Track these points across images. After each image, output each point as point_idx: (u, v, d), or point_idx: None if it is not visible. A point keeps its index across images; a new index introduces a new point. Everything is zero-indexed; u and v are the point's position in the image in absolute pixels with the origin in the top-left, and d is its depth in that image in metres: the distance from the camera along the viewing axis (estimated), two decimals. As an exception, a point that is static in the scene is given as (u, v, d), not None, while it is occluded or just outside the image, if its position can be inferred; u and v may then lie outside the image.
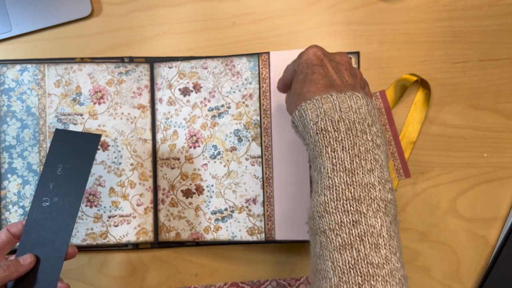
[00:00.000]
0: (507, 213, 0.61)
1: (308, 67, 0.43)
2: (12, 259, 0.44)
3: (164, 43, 0.62)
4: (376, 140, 0.40)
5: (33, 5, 0.60)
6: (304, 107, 0.41)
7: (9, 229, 0.47)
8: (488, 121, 0.62)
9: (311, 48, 0.44)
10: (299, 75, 0.44)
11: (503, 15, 0.62)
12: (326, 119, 0.39)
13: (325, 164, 0.39)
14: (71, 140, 0.49)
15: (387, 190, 0.39)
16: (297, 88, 0.44)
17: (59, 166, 0.48)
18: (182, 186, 0.59)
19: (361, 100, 0.40)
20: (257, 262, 0.61)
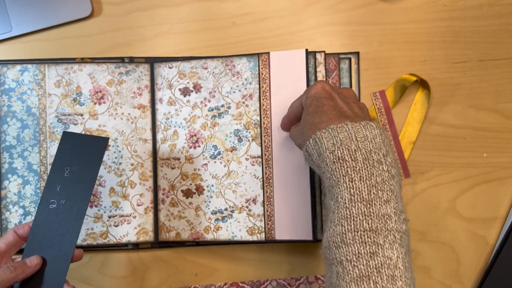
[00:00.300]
0: (506, 213, 0.61)
1: (318, 100, 0.44)
2: (18, 261, 0.45)
3: (164, 43, 0.62)
4: (391, 170, 0.40)
5: (33, 6, 0.61)
6: (320, 136, 0.41)
7: (16, 230, 0.47)
8: (488, 121, 0.62)
9: (318, 83, 0.45)
10: (308, 107, 0.45)
11: (503, 15, 0.62)
12: (343, 148, 0.39)
13: (342, 194, 0.39)
14: (79, 142, 0.49)
15: (402, 221, 0.39)
16: (308, 120, 0.44)
17: (67, 169, 0.48)
18: (182, 186, 0.59)
19: (376, 130, 0.40)
20: (257, 262, 0.61)
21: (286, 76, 0.57)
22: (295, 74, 0.57)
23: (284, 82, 0.57)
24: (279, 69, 0.57)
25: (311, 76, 0.58)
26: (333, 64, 0.59)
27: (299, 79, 0.57)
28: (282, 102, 0.57)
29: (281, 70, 0.57)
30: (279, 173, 0.57)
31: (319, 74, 0.58)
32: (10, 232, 0.47)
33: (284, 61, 0.57)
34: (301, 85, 0.56)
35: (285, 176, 0.57)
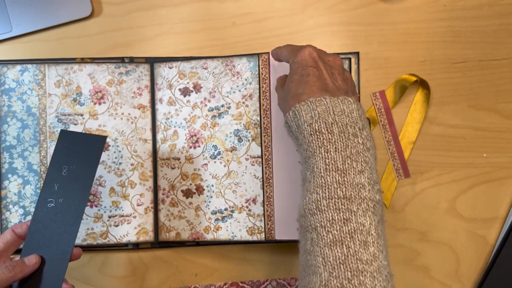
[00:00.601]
0: (506, 213, 0.61)
1: (303, 68, 0.44)
2: (17, 260, 0.45)
3: (164, 43, 0.62)
4: (367, 143, 0.41)
5: (33, 6, 0.61)
6: (299, 108, 0.42)
7: (14, 229, 0.47)
8: (488, 121, 0.62)
9: (306, 48, 0.45)
10: (293, 74, 0.45)
11: (503, 15, 0.62)
12: (320, 121, 0.41)
13: (318, 164, 0.40)
14: (77, 141, 0.49)
15: (376, 191, 0.40)
16: (291, 88, 0.45)
17: (64, 167, 0.48)
18: (182, 186, 0.59)
19: (353, 104, 0.42)
20: (257, 262, 0.61)
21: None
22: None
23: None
24: (279, 69, 0.57)
25: (311, 76, 0.58)
26: (333, 64, 0.59)
27: None
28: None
29: (281, 70, 0.57)
30: (279, 173, 0.57)
31: (319, 74, 0.58)
32: (8, 231, 0.47)
33: (283, 62, 0.57)
34: None
35: (285, 176, 0.57)
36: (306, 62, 0.45)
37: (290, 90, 0.45)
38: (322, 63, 0.45)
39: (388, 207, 0.61)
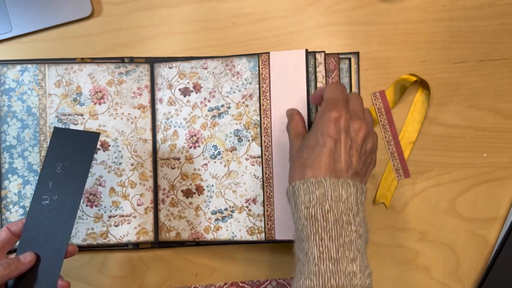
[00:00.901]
0: (506, 213, 0.61)
1: (322, 135, 0.44)
2: (12, 258, 0.45)
3: (164, 43, 0.62)
4: (359, 230, 0.43)
5: (33, 6, 0.61)
6: (299, 187, 0.44)
7: (9, 227, 0.47)
8: (488, 121, 0.62)
9: (337, 110, 0.45)
10: (311, 137, 0.45)
11: (503, 15, 0.62)
12: (317, 207, 0.42)
13: (312, 250, 0.42)
14: (70, 138, 0.49)
15: (366, 276, 0.42)
16: (303, 153, 0.45)
17: (59, 165, 0.48)
18: (182, 186, 0.59)
19: (351, 188, 0.43)
20: (257, 262, 0.61)
21: (286, 76, 0.57)
22: (295, 74, 0.57)
23: (284, 82, 0.57)
24: (279, 69, 0.57)
25: (311, 76, 0.58)
26: (333, 64, 0.59)
27: (299, 80, 0.57)
28: (282, 103, 0.57)
29: (281, 70, 0.57)
30: (279, 173, 0.57)
31: (319, 74, 0.58)
32: (3, 229, 0.47)
33: (284, 61, 0.57)
34: (301, 86, 0.57)
35: (285, 176, 0.57)
36: (328, 129, 0.44)
37: (302, 155, 0.45)
38: (345, 135, 0.44)
39: (388, 207, 0.61)
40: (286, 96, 0.57)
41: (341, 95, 0.47)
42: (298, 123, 0.50)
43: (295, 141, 0.49)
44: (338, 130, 0.44)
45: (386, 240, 0.61)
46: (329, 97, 0.47)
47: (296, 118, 0.51)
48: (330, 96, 0.47)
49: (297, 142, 0.48)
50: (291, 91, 0.56)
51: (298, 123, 0.50)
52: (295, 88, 0.57)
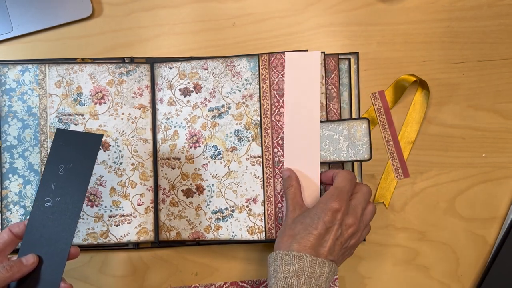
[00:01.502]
0: (505, 212, 0.61)
1: (319, 219, 0.49)
2: (15, 260, 0.45)
3: (165, 44, 0.62)
4: None
5: (34, 6, 0.61)
6: (281, 256, 0.48)
7: (11, 229, 0.47)
8: (487, 121, 0.62)
9: (339, 201, 0.50)
10: (308, 216, 0.50)
11: (501, 16, 0.62)
12: (294, 279, 0.47)
13: None
14: (73, 140, 0.49)
15: None
16: (297, 226, 0.51)
17: (61, 166, 0.48)
18: (183, 186, 0.59)
19: (326, 268, 0.48)
20: (257, 262, 0.61)
21: (299, 77, 0.57)
22: (309, 76, 0.57)
23: (298, 83, 0.57)
24: (292, 70, 0.57)
25: (311, 77, 0.58)
26: (333, 65, 0.59)
27: (313, 81, 0.57)
28: (295, 104, 0.57)
29: (295, 70, 0.57)
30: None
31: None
32: (5, 231, 0.47)
33: (299, 63, 0.57)
34: (314, 88, 0.57)
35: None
36: (325, 216, 0.49)
37: (295, 227, 0.51)
38: (337, 226, 0.49)
39: (387, 207, 0.61)
40: (299, 97, 0.57)
41: (349, 187, 0.52)
42: (296, 191, 0.55)
43: (292, 210, 0.53)
44: (333, 221, 0.49)
45: (386, 240, 0.61)
46: (338, 185, 0.52)
47: (294, 185, 0.55)
48: (338, 185, 0.52)
49: (294, 212, 0.53)
50: (304, 93, 0.57)
51: (296, 192, 0.55)
52: (308, 89, 0.57)
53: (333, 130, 0.57)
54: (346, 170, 0.55)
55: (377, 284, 0.61)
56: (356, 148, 0.56)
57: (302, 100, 0.57)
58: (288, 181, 0.56)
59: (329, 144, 0.57)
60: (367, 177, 0.62)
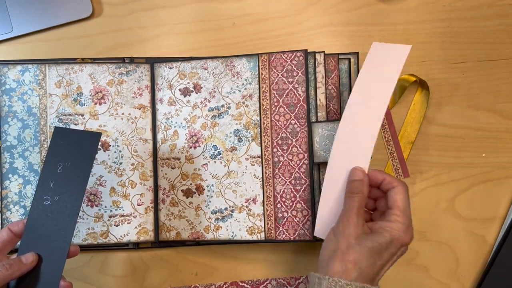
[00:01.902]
0: (505, 212, 0.61)
1: (388, 249, 0.45)
2: (14, 258, 0.45)
3: (165, 44, 0.62)
4: None
5: (34, 6, 0.61)
6: (321, 280, 0.44)
7: (11, 228, 0.47)
8: (487, 121, 0.62)
9: (409, 232, 0.46)
10: (381, 244, 0.45)
11: (501, 16, 0.62)
12: None
13: None
14: (71, 138, 0.48)
15: None
16: (363, 251, 0.45)
17: (60, 165, 0.48)
18: (183, 186, 0.59)
19: None
20: (257, 262, 0.61)
21: (378, 69, 0.52)
22: (388, 69, 0.51)
23: (373, 76, 0.52)
24: (374, 62, 0.52)
25: (311, 77, 0.58)
26: (333, 65, 0.60)
27: (390, 76, 0.51)
28: (365, 95, 0.52)
29: (376, 63, 0.52)
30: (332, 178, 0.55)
31: (318, 74, 0.58)
32: (4, 230, 0.47)
33: (383, 54, 0.52)
34: (389, 83, 0.51)
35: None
36: (394, 248, 0.45)
37: (360, 250, 0.45)
38: (400, 255, 0.47)
39: (387, 207, 0.62)
40: (371, 90, 0.52)
41: (410, 219, 0.48)
42: (364, 200, 0.48)
43: (356, 224, 0.46)
44: (398, 253, 0.46)
45: (386, 239, 0.61)
46: (405, 210, 0.47)
47: (364, 192, 0.48)
48: (406, 210, 0.47)
49: (358, 227, 0.46)
50: (379, 87, 0.52)
51: (363, 202, 0.48)
52: (383, 84, 0.52)
53: (333, 130, 0.57)
54: (404, 184, 0.49)
55: (377, 284, 0.61)
56: (356, 148, 0.56)
57: (373, 93, 0.51)
58: (358, 185, 0.48)
59: (329, 144, 0.57)
60: (367, 177, 0.62)
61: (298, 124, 0.58)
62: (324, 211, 0.52)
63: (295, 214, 0.57)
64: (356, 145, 0.51)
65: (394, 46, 0.52)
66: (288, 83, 0.58)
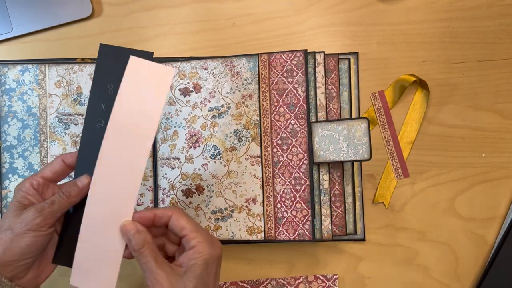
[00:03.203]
0: (505, 212, 0.61)
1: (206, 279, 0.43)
2: (69, 183, 0.44)
3: (165, 44, 0.62)
4: None
5: (34, 6, 0.61)
6: None
7: (64, 158, 0.46)
8: (487, 121, 0.62)
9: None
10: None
11: (501, 16, 0.62)
12: None
13: None
14: (119, 57, 0.44)
15: None
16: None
17: (110, 86, 0.44)
18: (182, 186, 0.59)
19: None
20: (256, 262, 0.61)
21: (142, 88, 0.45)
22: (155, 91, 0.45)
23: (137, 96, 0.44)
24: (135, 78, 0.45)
25: (311, 77, 0.58)
26: (333, 65, 0.60)
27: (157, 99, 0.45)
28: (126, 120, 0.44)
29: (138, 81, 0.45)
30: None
31: (318, 74, 0.58)
32: (57, 161, 0.46)
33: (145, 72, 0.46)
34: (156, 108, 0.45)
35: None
36: (216, 263, 0.44)
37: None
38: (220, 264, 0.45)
39: (387, 207, 0.62)
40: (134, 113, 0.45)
41: (208, 232, 0.46)
42: (153, 248, 0.43)
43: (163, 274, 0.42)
44: (219, 266, 0.45)
45: (385, 239, 0.61)
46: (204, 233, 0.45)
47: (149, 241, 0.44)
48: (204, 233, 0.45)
49: (168, 276, 0.42)
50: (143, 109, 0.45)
51: (153, 249, 0.43)
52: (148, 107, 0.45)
53: (333, 130, 0.57)
54: (177, 208, 0.46)
55: (377, 284, 0.61)
56: (355, 148, 0.56)
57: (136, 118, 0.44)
58: (138, 238, 0.43)
59: (329, 144, 0.57)
60: (366, 177, 0.62)
61: (298, 124, 0.58)
62: (82, 260, 0.44)
63: (295, 214, 0.57)
64: (119, 185, 0.44)
65: (156, 66, 0.45)
66: (288, 83, 0.58)
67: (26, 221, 0.42)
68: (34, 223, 0.42)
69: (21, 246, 0.42)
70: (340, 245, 0.62)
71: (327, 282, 0.61)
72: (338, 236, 0.59)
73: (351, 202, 0.60)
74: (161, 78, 0.44)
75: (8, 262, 0.42)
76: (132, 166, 0.43)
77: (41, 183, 0.45)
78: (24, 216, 0.42)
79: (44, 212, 0.42)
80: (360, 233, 0.61)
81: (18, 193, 0.44)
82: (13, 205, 0.44)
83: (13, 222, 0.42)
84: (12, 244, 0.42)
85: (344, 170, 0.60)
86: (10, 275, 0.42)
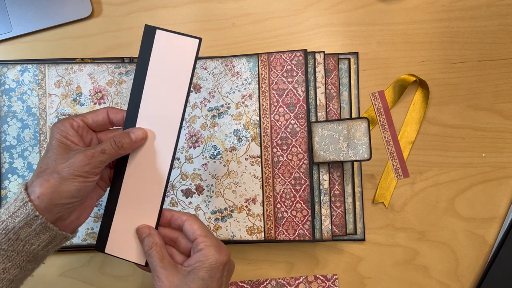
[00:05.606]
0: (505, 212, 0.61)
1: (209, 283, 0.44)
2: (122, 134, 0.44)
3: (164, 44, 0.62)
4: None
5: (33, 6, 0.61)
6: None
7: (110, 113, 0.46)
8: (486, 121, 0.62)
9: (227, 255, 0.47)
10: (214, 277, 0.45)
11: (501, 16, 0.62)
12: None
13: None
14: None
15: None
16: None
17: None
18: (182, 186, 0.59)
19: None
20: (256, 262, 0.61)
21: (170, 62, 0.47)
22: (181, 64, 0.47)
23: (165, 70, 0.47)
24: (163, 51, 0.47)
25: (311, 76, 0.58)
26: (333, 64, 0.60)
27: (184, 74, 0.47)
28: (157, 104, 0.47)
29: (166, 54, 0.47)
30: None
31: (318, 74, 0.58)
32: (102, 111, 0.45)
33: (172, 44, 0.46)
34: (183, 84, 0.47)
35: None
36: (222, 269, 0.46)
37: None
38: (228, 273, 0.47)
39: (387, 207, 0.61)
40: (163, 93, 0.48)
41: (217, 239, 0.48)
42: (163, 249, 0.47)
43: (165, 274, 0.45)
44: (227, 275, 0.47)
45: (385, 239, 0.61)
46: (214, 239, 0.47)
47: (158, 242, 0.47)
48: (213, 239, 0.47)
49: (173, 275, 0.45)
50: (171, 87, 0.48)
51: (161, 251, 0.46)
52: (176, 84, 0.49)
53: (333, 130, 0.57)
54: (192, 214, 0.48)
55: (377, 284, 0.61)
56: (355, 148, 0.56)
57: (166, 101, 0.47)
58: (148, 241, 0.46)
59: (329, 144, 0.57)
60: (366, 177, 0.62)
61: (297, 124, 0.57)
62: (119, 226, 0.48)
63: (295, 214, 0.57)
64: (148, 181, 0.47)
65: (182, 38, 0.46)
66: (288, 83, 0.58)
67: (74, 166, 0.41)
68: (83, 170, 0.41)
69: (70, 190, 0.41)
70: (340, 245, 0.62)
71: (327, 282, 0.61)
72: (338, 236, 0.59)
73: (351, 202, 0.60)
74: (188, 48, 0.46)
75: (56, 205, 0.41)
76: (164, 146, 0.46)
77: (81, 125, 0.44)
78: (72, 161, 0.41)
79: (94, 160, 0.42)
80: (360, 233, 0.61)
81: (56, 132, 0.43)
82: (54, 144, 0.43)
83: (58, 163, 0.41)
84: (62, 188, 0.41)
85: (344, 170, 0.60)
86: (55, 217, 0.41)
